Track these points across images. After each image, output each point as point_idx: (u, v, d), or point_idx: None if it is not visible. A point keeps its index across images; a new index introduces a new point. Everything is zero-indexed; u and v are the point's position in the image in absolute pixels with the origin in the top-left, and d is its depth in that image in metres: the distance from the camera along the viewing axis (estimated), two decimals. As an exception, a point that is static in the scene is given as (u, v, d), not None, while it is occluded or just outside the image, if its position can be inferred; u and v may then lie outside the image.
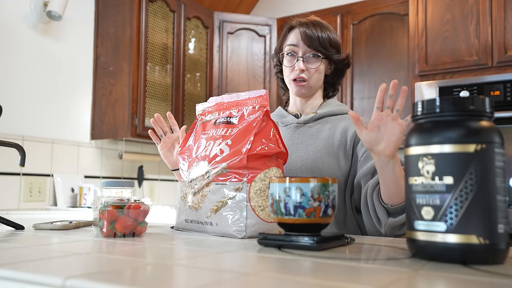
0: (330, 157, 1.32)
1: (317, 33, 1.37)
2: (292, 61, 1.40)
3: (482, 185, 0.63)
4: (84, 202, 2.84)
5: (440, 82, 2.78)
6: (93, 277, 0.54)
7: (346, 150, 1.34)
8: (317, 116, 1.41)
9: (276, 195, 0.83)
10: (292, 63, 1.40)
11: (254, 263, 0.67)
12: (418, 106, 0.70)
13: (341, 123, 1.39)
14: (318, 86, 1.44)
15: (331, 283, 0.52)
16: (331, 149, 1.34)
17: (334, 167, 1.32)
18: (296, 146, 1.37)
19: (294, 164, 1.34)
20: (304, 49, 1.38)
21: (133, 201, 1.00)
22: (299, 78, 1.38)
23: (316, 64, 1.38)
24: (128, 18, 3.05)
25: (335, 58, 1.41)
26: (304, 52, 1.38)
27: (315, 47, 1.37)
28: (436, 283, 0.54)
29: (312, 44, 1.36)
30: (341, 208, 1.32)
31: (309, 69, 1.38)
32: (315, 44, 1.36)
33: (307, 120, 1.41)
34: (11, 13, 2.70)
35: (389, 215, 1.17)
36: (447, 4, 2.84)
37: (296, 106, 1.47)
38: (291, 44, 1.40)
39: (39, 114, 2.82)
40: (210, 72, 3.62)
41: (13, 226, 1.12)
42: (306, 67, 1.38)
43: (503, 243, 0.63)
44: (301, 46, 1.38)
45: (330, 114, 1.42)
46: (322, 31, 1.38)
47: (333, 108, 1.43)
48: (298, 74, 1.38)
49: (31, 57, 2.79)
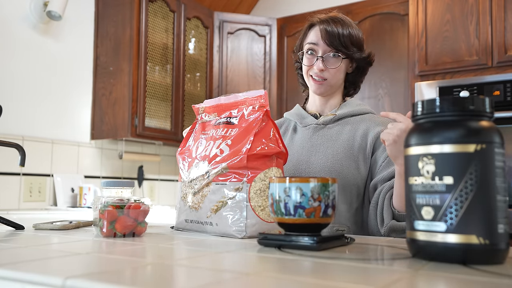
0: (350, 160, 1.30)
1: (338, 31, 1.31)
2: (311, 60, 1.36)
3: (482, 185, 0.63)
4: (84, 202, 2.84)
5: (440, 82, 2.78)
6: (93, 277, 0.54)
7: (365, 154, 1.31)
8: (337, 118, 1.37)
9: (276, 195, 0.83)
10: (312, 62, 1.35)
11: (254, 263, 0.67)
12: (418, 106, 0.70)
13: (361, 126, 1.35)
14: (339, 85, 1.40)
15: (331, 283, 0.52)
16: (351, 153, 1.31)
17: (354, 170, 1.29)
18: (316, 149, 1.35)
19: (313, 167, 1.32)
20: (324, 48, 1.33)
21: (133, 201, 1.00)
22: (318, 77, 1.35)
23: (336, 64, 1.34)
24: (128, 18, 3.05)
25: (356, 57, 1.36)
26: (324, 51, 1.33)
27: (336, 46, 1.32)
28: (436, 283, 0.54)
29: (333, 43, 1.32)
30: (359, 212, 1.32)
31: (329, 69, 1.34)
32: (336, 43, 1.32)
33: (326, 121, 1.38)
34: (11, 13, 2.70)
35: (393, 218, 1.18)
36: (447, 4, 2.84)
37: (316, 104, 1.44)
38: (311, 42, 1.35)
39: (39, 114, 2.82)
40: (210, 72, 3.62)
41: (13, 226, 1.12)
42: (326, 67, 1.33)
43: (503, 243, 0.63)
44: (321, 45, 1.33)
45: (350, 114, 1.38)
46: (344, 28, 1.33)
47: (352, 108, 1.39)
48: (317, 73, 1.34)
49: (31, 57, 2.79)
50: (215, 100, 1.20)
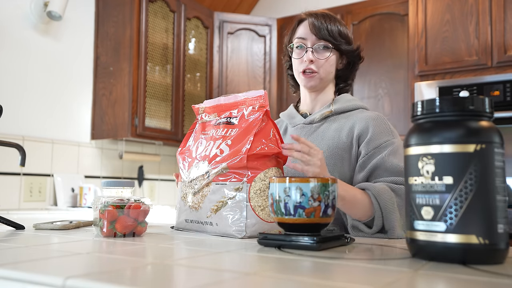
0: (334, 159, 1.30)
1: (326, 24, 1.34)
2: (301, 53, 1.37)
3: (482, 185, 0.63)
4: (84, 202, 2.84)
5: (440, 82, 2.78)
6: (93, 277, 0.54)
7: (351, 152, 1.31)
8: (325, 115, 1.37)
9: (276, 195, 0.83)
10: (301, 55, 1.37)
11: (254, 263, 0.68)
12: (418, 106, 0.70)
13: (347, 123, 1.34)
14: (329, 79, 1.40)
15: (331, 283, 0.52)
16: (336, 151, 1.31)
17: (338, 169, 1.30)
18: None
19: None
20: (312, 40, 1.35)
21: (133, 201, 1.00)
22: (308, 69, 1.35)
23: (326, 55, 1.35)
24: (128, 18, 3.05)
25: (344, 48, 1.37)
26: (313, 43, 1.35)
27: (324, 36, 1.34)
28: (436, 283, 0.54)
29: (321, 35, 1.34)
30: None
31: (318, 59, 1.35)
32: (324, 34, 1.34)
33: (313, 120, 1.38)
34: (12, 13, 2.70)
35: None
36: (447, 4, 2.85)
37: (307, 102, 1.44)
38: (299, 37, 1.37)
39: (39, 114, 2.82)
40: (210, 72, 3.62)
41: (13, 226, 1.12)
42: (315, 57, 1.35)
43: (503, 243, 0.63)
44: (310, 37, 1.35)
45: (341, 111, 1.38)
46: (331, 22, 1.36)
47: (343, 104, 1.39)
48: (307, 65, 1.35)
49: (32, 57, 2.79)
50: (215, 100, 1.20)
